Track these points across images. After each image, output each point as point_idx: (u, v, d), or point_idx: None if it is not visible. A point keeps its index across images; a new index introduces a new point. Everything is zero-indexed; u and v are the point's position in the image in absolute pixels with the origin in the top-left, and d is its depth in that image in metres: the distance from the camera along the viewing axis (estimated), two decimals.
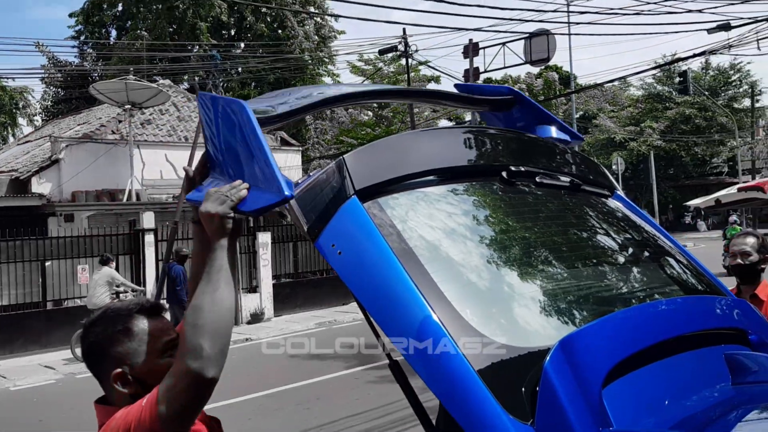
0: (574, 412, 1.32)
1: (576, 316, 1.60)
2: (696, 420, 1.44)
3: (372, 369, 9.66)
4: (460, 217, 1.83)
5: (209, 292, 1.50)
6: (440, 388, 1.39)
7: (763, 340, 1.79)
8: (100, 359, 1.60)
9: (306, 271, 17.73)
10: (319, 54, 31.39)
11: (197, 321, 1.45)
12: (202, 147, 2.07)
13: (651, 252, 2.04)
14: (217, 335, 1.44)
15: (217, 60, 15.32)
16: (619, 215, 2.15)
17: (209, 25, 30.41)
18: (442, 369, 1.39)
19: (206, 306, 1.47)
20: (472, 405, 1.35)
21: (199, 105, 2.02)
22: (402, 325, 1.46)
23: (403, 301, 1.48)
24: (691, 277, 1.98)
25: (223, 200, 1.60)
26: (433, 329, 1.42)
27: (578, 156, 2.34)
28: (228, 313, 1.49)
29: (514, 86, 23.89)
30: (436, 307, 1.46)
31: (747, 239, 3.53)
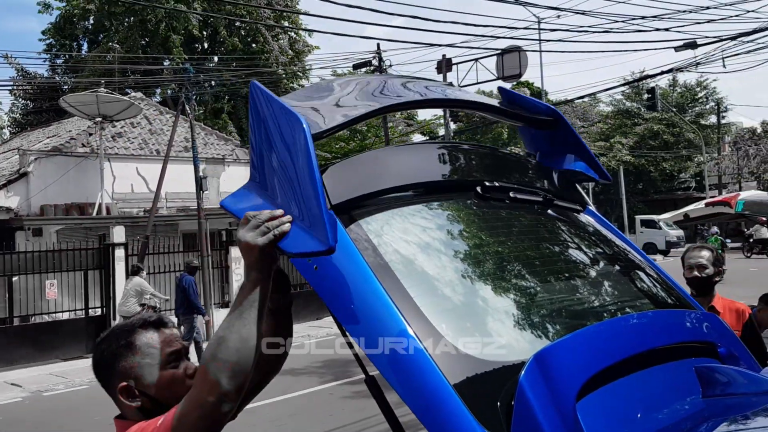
0: (549, 427, 1.32)
1: (550, 330, 1.62)
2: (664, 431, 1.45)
3: (346, 384, 9.61)
4: (436, 232, 1.84)
5: (238, 327, 1.43)
6: (416, 403, 1.39)
7: (732, 352, 1.82)
8: (107, 375, 1.63)
9: None
10: (293, 68, 31.37)
11: (220, 354, 1.41)
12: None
13: (622, 266, 2.07)
14: (239, 372, 1.40)
15: (191, 73, 15.22)
16: (590, 230, 2.18)
17: (182, 38, 30.25)
18: (417, 383, 1.40)
19: (232, 341, 1.42)
20: (448, 419, 1.35)
21: (250, 96, 1.77)
22: (372, 331, 1.47)
23: (379, 315, 1.48)
24: (661, 290, 2.01)
25: (264, 231, 1.48)
26: (405, 336, 1.43)
27: (550, 170, 2.37)
28: (253, 352, 1.43)
29: None
30: (411, 321, 1.46)
31: (702, 252, 3.61)
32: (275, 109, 1.65)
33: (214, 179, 19.85)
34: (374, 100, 1.96)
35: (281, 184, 1.65)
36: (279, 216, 1.52)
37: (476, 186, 1.96)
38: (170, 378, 1.61)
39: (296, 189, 1.58)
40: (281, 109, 1.62)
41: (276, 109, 1.65)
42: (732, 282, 15.70)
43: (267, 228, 1.48)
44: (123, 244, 14.75)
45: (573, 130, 2.24)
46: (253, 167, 1.78)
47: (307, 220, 1.53)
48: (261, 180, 1.75)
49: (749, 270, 22.97)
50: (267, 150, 1.72)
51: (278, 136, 1.66)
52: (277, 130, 1.66)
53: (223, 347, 1.41)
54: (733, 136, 48.56)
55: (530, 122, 2.23)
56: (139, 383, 1.59)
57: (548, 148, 2.28)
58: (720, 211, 5.20)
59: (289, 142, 1.60)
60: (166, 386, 1.59)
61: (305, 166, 1.53)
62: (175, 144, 17.05)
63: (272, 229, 1.48)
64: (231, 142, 22.99)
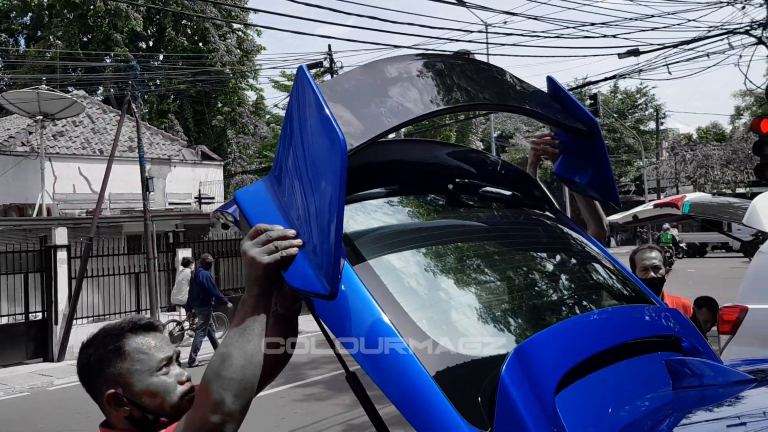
0: (531, 420, 1.34)
1: (527, 325, 1.64)
2: (641, 424, 1.49)
3: (299, 387, 9.54)
4: (411, 228, 1.86)
5: (242, 343, 1.37)
6: (400, 399, 1.40)
7: (695, 346, 1.89)
8: (93, 381, 1.55)
9: (228, 288, 17.34)
10: (242, 68, 31.00)
11: (224, 372, 1.35)
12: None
13: (588, 263, 2.12)
14: (243, 390, 1.35)
15: (137, 71, 14.87)
16: (556, 227, 2.23)
17: (125, 36, 29.54)
18: (401, 380, 1.40)
19: (237, 358, 1.36)
20: (432, 415, 1.36)
21: (295, 80, 1.55)
22: (355, 331, 1.46)
23: (360, 312, 1.48)
24: (627, 287, 2.07)
25: (272, 250, 1.40)
26: (389, 335, 1.43)
27: (518, 171, 2.42)
28: (258, 369, 1.38)
29: None
30: (393, 318, 1.47)
31: (653, 253, 3.74)
32: (315, 109, 1.45)
33: (159, 180, 19.46)
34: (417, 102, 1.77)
35: (300, 195, 1.51)
36: (291, 237, 1.43)
37: (449, 184, 2.00)
38: (161, 385, 1.53)
39: (314, 213, 1.44)
40: (321, 116, 1.41)
41: (316, 109, 1.44)
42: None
43: (275, 247, 1.40)
44: (65, 246, 14.28)
45: (605, 146, 2.14)
46: (276, 159, 1.65)
47: (317, 255, 1.41)
48: (279, 176, 1.64)
49: (687, 271, 23.77)
50: (296, 150, 1.56)
51: (310, 142, 1.49)
52: (310, 133, 1.49)
53: (227, 364, 1.35)
54: (670, 141, 50.33)
55: (565, 126, 2.13)
56: (127, 391, 1.51)
57: (572, 155, 2.21)
58: (667, 212, 5.39)
59: (319, 156, 1.44)
60: (156, 394, 1.52)
61: (332, 196, 1.36)
62: (120, 143, 16.63)
63: (280, 249, 1.40)
64: (178, 142, 22.55)
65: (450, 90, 1.88)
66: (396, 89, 1.75)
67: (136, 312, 15.05)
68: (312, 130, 1.46)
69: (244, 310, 1.40)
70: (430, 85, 1.84)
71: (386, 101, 1.70)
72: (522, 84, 2.09)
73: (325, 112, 1.39)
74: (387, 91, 1.73)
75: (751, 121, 13.69)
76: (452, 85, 1.90)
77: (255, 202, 1.62)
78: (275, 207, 1.57)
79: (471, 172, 2.21)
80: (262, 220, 1.51)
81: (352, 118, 1.61)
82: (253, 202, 1.62)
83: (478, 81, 1.98)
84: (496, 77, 2.03)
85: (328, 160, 1.38)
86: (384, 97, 1.71)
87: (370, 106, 1.66)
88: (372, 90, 1.73)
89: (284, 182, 1.60)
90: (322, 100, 1.41)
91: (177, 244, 16.19)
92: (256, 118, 32.18)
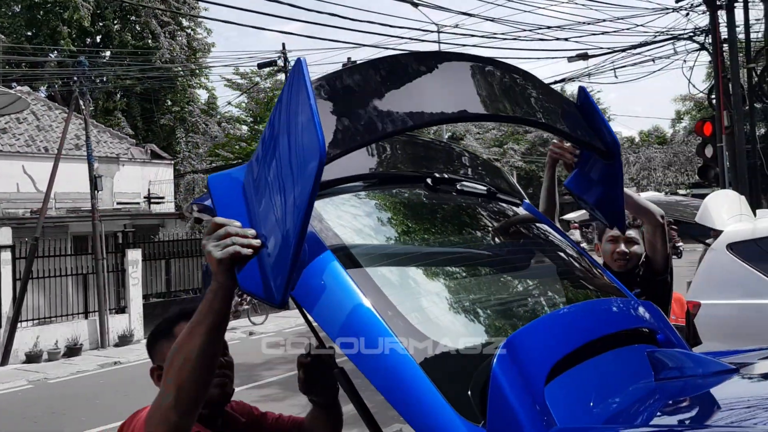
0: (523, 412, 1.35)
1: (515, 318, 1.67)
2: (626, 415, 1.53)
3: (254, 388, 9.43)
4: (393, 222, 1.87)
5: (184, 344, 1.37)
6: (393, 395, 1.39)
7: (669, 338, 1.95)
8: (150, 351, 1.84)
9: (179, 289, 17.03)
10: (191, 66, 30.48)
11: (175, 362, 1.36)
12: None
13: (565, 256, 2.16)
14: (180, 389, 1.35)
15: (85, 66, 14.44)
16: (532, 222, 2.28)
17: (71, 31, 28.68)
18: (393, 375, 1.39)
19: (176, 360, 1.36)
20: (425, 409, 1.35)
21: (291, 70, 1.45)
22: (350, 331, 1.45)
23: (352, 311, 1.47)
24: (601, 279, 2.12)
25: (227, 245, 1.36)
26: (383, 335, 1.43)
27: (493, 167, 2.46)
28: (198, 369, 1.36)
29: None
30: (383, 312, 1.47)
31: None
32: (302, 107, 1.35)
33: (107, 179, 18.97)
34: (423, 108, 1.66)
35: (269, 194, 1.46)
36: (249, 236, 1.40)
37: (427, 178, 2.01)
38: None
39: (279, 217, 1.38)
40: (306, 116, 1.32)
41: (302, 107, 1.35)
42: None
43: (232, 242, 1.37)
44: (9, 247, 13.78)
45: (621, 170, 2.08)
46: (259, 146, 1.57)
47: (273, 261, 1.38)
48: (255, 167, 1.56)
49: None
50: (276, 144, 1.48)
51: (291, 139, 1.41)
52: (292, 130, 1.40)
53: (171, 358, 1.38)
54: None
55: (586, 144, 2.03)
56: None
57: (587, 171, 2.17)
58: None
59: (296, 158, 1.37)
60: None
61: (300, 203, 1.30)
62: (66, 141, 16.14)
63: (235, 244, 1.37)
64: (126, 140, 22.03)
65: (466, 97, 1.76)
66: (400, 92, 1.64)
67: (84, 315, 14.65)
68: (295, 128, 1.38)
69: (201, 305, 1.40)
70: (443, 90, 1.71)
71: (387, 104, 1.59)
72: (551, 94, 1.98)
73: (311, 113, 1.30)
74: (391, 92, 1.63)
75: (695, 124, 14.18)
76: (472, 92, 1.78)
77: (225, 191, 1.56)
78: (243, 200, 1.53)
79: (448, 165, 2.24)
80: (227, 211, 1.48)
81: (344, 120, 1.53)
82: (223, 190, 1.56)
83: (502, 90, 1.85)
84: (524, 86, 1.90)
85: (304, 164, 1.31)
86: (385, 99, 1.60)
87: (367, 108, 1.57)
88: (375, 90, 1.62)
89: (259, 175, 1.54)
90: (312, 100, 1.32)
91: (126, 244, 15.80)
92: (207, 117, 31.68)
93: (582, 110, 2.06)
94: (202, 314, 1.37)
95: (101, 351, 14.19)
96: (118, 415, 8.55)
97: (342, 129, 1.50)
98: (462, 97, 1.74)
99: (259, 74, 27.99)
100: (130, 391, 10.04)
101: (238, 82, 30.05)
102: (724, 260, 4.87)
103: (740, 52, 13.57)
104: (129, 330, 14.98)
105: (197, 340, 1.35)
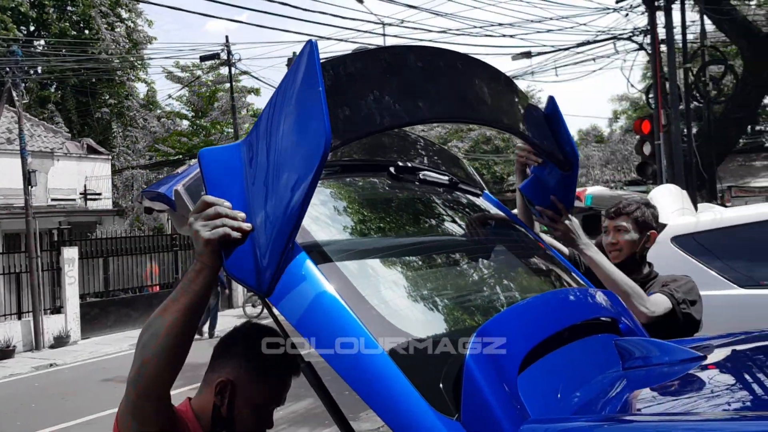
0: (498, 403, 1.32)
1: (483, 309, 1.64)
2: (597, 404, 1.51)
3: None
4: (358, 213, 1.82)
5: (155, 320, 1.33)
6: (364, 388, 1.33)
7: (630, 327, 1.95)
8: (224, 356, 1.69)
9: (117, 288, 16.55)
10: (131, 58, 29.62)
11: (144, 336, 1.34)
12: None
13: (528, 246, 2.15)
14: (159, 358, 1.32)
15: (19, 56, 13.82)
16: (493, 213, 2.26)
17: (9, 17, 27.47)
18: (364, 368, 1.33)
19: (145, 335, 1.33)
20: (398, 403, 1.30)
21: (300, 52, 1.36)
22: (319, 326, 1.38)
23: (319, 300, 1.40)
24: (563, 270, 2.12)
25: (216, 226, 1.30)
26: (352, 327, 1.36)
27: (451, 156, 2.44)
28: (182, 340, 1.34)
29: None
30: (351, 305, 1.40)
31: None
32: (310, 91, 1.28)
33: (42, 174, 18.28)
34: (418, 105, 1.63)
35: (267, 174, 1.37)
36: (239, 219, 1.33)
37: (390, 166, 1.97)
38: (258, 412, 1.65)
39: (274, 203, 1.32)
40: (314, 100, 1.26)
41: (311, 91, 1.28)
42: None
43: (220, 224, 1.31)
44: None
45: (576, 182, 2.14)
46: (259, 125, 1.48)
47: (264, 248, 1.32)
48: (252, 147, 1.46)
49: None
50: (277, 126, 1.39)
51: (294, 123, 1.33)
52: (297, 114, 1.32)
53: (142, 333, 1.34)
54: None
55: (546, 154, 2.06)
56: (237, 389, 1.62)
57: (541, 178, 2.18)
58: None
59: (299, 144, 1.29)
60: (251, 412, 1.64)
61: (300, 191, 1.25)
62: None
63: (225, 226, 1.31)
64: (61, 134, 21.27)
65: (457, 99, 1.75)
66: (399, 86, 1.59)
67: (17, 315, 14.06)
68: (301, 112, 1.31)
69: (181, 282, 1.35)
70: (438, 89, 1.69)
71: (383, 98, 1.54)
72: (520, 98, 1.99)
73: (319, 99, 1.25)
74: (388, 85, 1.57)
75: (634, 123, 14.60)
76: (460, 94, 1.76)
77: (216, 167, 1.44)
78: (235, 180, 1.43)
79: (408, 152, 2.20)
80: (217, 190, 1.39)
81: (345, 109, 1.46)
82: (214, 167, 1.44)
83: (485, 92, 1.84)
84: (498, 88, 1.89)
85: (308, 151, 1.25)
86: (382, 92, 1.54)
87: (366, 100, 1.51)
88: (374, 81, 1.55)
89: (255, 156, 1.44)
90: (321, 85, 1.27)
91: (62, 242, 15.24)
92: (146, 111, 30.84)
93: (548, 119, 2.08)
94: (179, 292, 1.33)
95: (36, 353, 13.70)
96: (55, 420, 8.31)
97: (343, 118, 1.43)
98: (461, 98, 1.76)
99: (201, 67, 27.42)
100: (67, 395, 9.71)
101: (179, 76, 29.38)
102: (668, 253, 4.97)
103: (677, 53, 14.02)
104: (65, 331, 14.48)
105: (169, 316, 1.31)
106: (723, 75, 16.27)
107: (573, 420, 1.39)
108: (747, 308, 4.62)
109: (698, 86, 14.35)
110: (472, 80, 1.81)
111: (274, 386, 1.66)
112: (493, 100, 1.86)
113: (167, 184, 1.82)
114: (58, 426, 7.77)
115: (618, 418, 1.43)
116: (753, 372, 1.63)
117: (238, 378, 1.62)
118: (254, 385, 1.62)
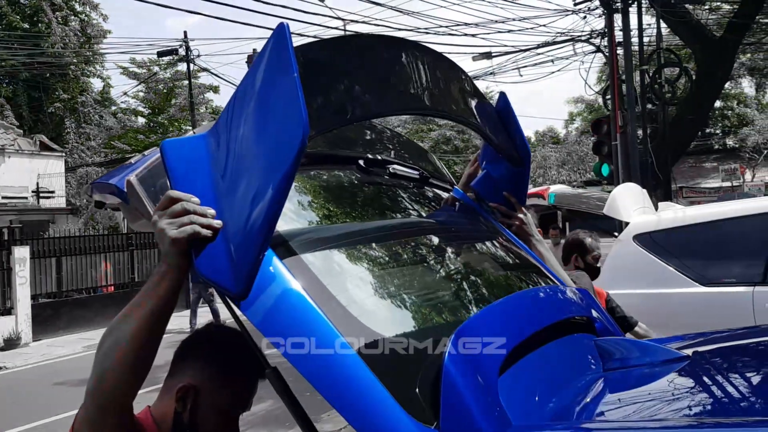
0: (479, 410, 1.26)
1: (459, 309, 1.59)
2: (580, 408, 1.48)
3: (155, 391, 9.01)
4: (328, 207, 1.77)
5: (116, 328, 1.23)
6: (336, 396, 1.23)
7: (606, 327, 1.93)
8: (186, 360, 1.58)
9: (71, 289, 16.08)
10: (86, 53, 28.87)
11: (104, 345, 1.24)
12: None
13: (500, 244, 2.12)
14: (121, 370, 1.22)
15: None
16: (463, 208, 2.22)
17: None
18: (334, 372, 1.25)
19: (105, 344, 1.23)
20: (373, 411, 1.22)
21: (272, 35, 1.26)
22: (286, 327, 1.30)
23: (286, 299, 1.32)
24: (536, 269, 2.09)
25: (184, 223, 1.20)
26: (324, 330, 1.29)
27: (420, 150, 2.40)
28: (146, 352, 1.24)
29: None
30: (321, 305, 1.33)
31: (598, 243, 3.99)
32: (285, 77, 1.19)
33: None
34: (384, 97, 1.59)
35: (238, 166, 1.28)
36: (208, 215, 1.23)
37: (359, 159, 1.93)
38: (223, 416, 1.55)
39: (248, 197, 1.22)
40: (290, 88, 1.17)
41: (285, 77, 1.19)
42: None
43: (188, 221, 1.20)
44: None
45: (528, 178, 2.17)
46: (224, 113, 1.37)
47: (237, 246, 1.22)
48: (219, 138, 1.36)
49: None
50: (249, 112, 1.29)
51: (268, 112, 1.23)
52: (271, 102, 1.23)
53: (102, 341, 1.24)
54: None
55: (500, 149, 2.05)
56: (202, 395, 1.52)
57: (493, 174, 2.16)
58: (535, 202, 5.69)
59: (274, 133, 1.20)
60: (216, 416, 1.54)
61: (276, 184, 1.16)
62: None
63: (194, 223, 1.20)
64: (12, 130, 20.63)
65: (421, 91, 1.71)
66: (369, 75, 1.56)
67: None
68: (274, 100, 1.22)
69: (145, 286, 1.24)
70: (404, 80, 1.65)
71: (353, 88, 1.49)
72: (477, 94, 1.98)
73: (294, 86, 1.16)
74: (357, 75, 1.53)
75: (591, 123, 14.80)
76: (425, 86, 1.72)
77: (181, 160, 1.33)
78: (202, 173, 1.32)
79: (377, 145, 2.16)
80: (183, 184, 1.28)
81: (319, 98, 1.39)
82: (179, 159, 1.33)
83: (447, 85, 1.83)
84: (458, 82, 1.89)
85: (284, 141, 1.16)
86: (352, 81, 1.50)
87: (337, 89, 1.45)
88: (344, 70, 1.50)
89: (224, 147, 1.33)
90: (295, 71, 1.17)
91: (13, 241, 14.75)
92: (101, 107, 30.09)
93: (500, 115, 2.08)
94: (143, 296, 1.22)
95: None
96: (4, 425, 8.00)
97: (315, 108, 1.34)
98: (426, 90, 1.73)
99: (158, 63, 26.88)
100: (18, 399, 9.40)
101: (135, 72, 28.73)
102: (630, 251, 5.04)
103: (634, 55, 14.27)
104: (16, 332, 14.01)
105: (132, 324, 1.20)
106: (678, 77, 16.64)
107: (557, 428, 1.36)
108: (706, 306, 4.70)
109: (654, 88, 14.63)
110: (435, 74, 1.77)
111: (239, 391, 1.55)
112: (454, 94, 1.86)
113: (119, 175, 1.69)
114: (7, 431, 7.52)
115: (601, 425, 1.39)
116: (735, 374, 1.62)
117: (202, 383, 1.51)
118: (218, 390, 1.52)
